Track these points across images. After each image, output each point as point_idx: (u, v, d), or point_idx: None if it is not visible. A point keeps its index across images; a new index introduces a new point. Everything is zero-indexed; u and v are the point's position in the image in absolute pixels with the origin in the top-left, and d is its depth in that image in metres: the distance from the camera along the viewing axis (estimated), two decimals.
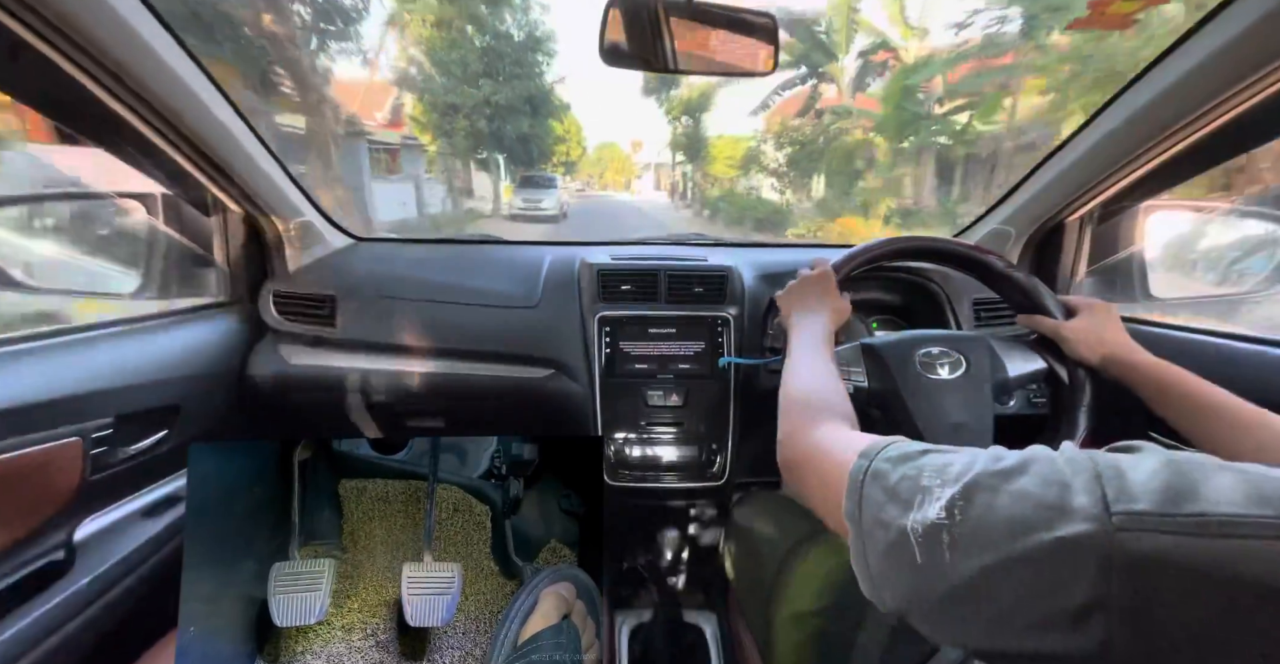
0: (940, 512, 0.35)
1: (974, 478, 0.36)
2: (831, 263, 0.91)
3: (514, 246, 1.52)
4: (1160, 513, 0.28)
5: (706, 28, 0.98)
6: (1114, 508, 0.29)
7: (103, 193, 1.16)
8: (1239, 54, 0.75)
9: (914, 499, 0.38)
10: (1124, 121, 0.93)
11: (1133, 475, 0.31)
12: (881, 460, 0.43)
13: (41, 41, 0.70)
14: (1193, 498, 0.28)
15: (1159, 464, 0.31)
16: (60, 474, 0.79)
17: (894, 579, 0.38)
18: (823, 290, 0.87)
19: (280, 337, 1.23)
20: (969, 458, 0.39)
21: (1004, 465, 0.36)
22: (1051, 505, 0.31)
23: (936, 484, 0.37)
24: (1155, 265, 1.23)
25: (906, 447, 0.44)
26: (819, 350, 0.76)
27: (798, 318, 0.84)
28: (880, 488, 0.41)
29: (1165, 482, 0.30)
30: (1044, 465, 0.34)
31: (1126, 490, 0.30)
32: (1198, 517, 0.27)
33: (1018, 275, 0.92)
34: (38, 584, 0.78)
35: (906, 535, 0.36)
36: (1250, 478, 0.29)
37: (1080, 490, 0.31)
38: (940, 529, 0.35)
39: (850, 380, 0.87)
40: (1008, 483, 0.34)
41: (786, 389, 0.69)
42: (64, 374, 0.81)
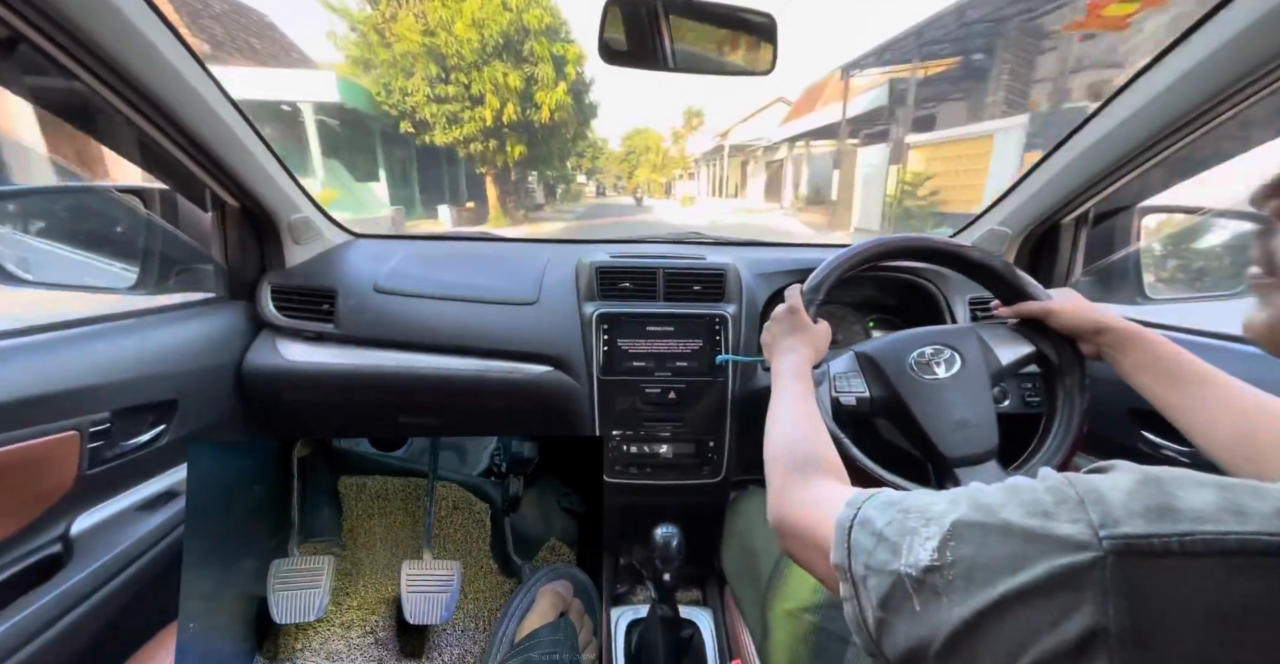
0: (931, 554, 0.35)
1: (960, 516, 0.35)
2: (801, 291, 0.92)
3: (513, 244, 1.52)
4: (1148, 534, 0.28)
5: (705, 26, 0.98)
6: (1103, 533, 0.29)
7: (100, 187, 1.16)
8: (1234, 56, 0.75)
9: (902, 542, 0.37)
10: (1120, 123, 0.93)
11: (1113, 497, 0.31)
12: (868, 507, 0.43)
13: (38, 35, 0.69)
14: (1174, 515, 0.28)
15: (1135, 483, 0.31)
16: (57, 468, 0.79)
17: (894, 629, 0.37)
18: (794, 325, 0.88)
19: (278, 332, 1.22)
20: (951, 496, 0.38)
21: (987, 501, 0.36)
22: (1040, 537, 0.31)
23: (922, 524, 0.37)
24: (1150, 266, 1.24)
25: (890, 494, 0.43)
26: (797, 391, 0.76)
27: (777, 359, 0.85)
28: (868, 533, 0.41)
29: (1146, 501, 0.29)
30: (1026, 496, 0.34)
31: (1110, 514, 0.30)
32: (1184, 536, 0.27)
33: (994, 262, 0.93)
34: (35, 578, 0.78)
35: (902, 581, 0.36)
36: (1229, 493, 0.29)
37: (1066, 520, 0.31)
38: (933, 572, 0.34)
39: (851, 391, 0.88)
40: (993, 517, 0.34)
41: (770, 440, 0.69)
42: (61, 368, 0.81)
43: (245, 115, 1.00)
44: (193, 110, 0.90)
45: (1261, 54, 0.73)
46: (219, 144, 0.97)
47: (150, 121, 0.88)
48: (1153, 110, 0.88)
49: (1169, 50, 0.82)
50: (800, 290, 0.92)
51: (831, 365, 0.90)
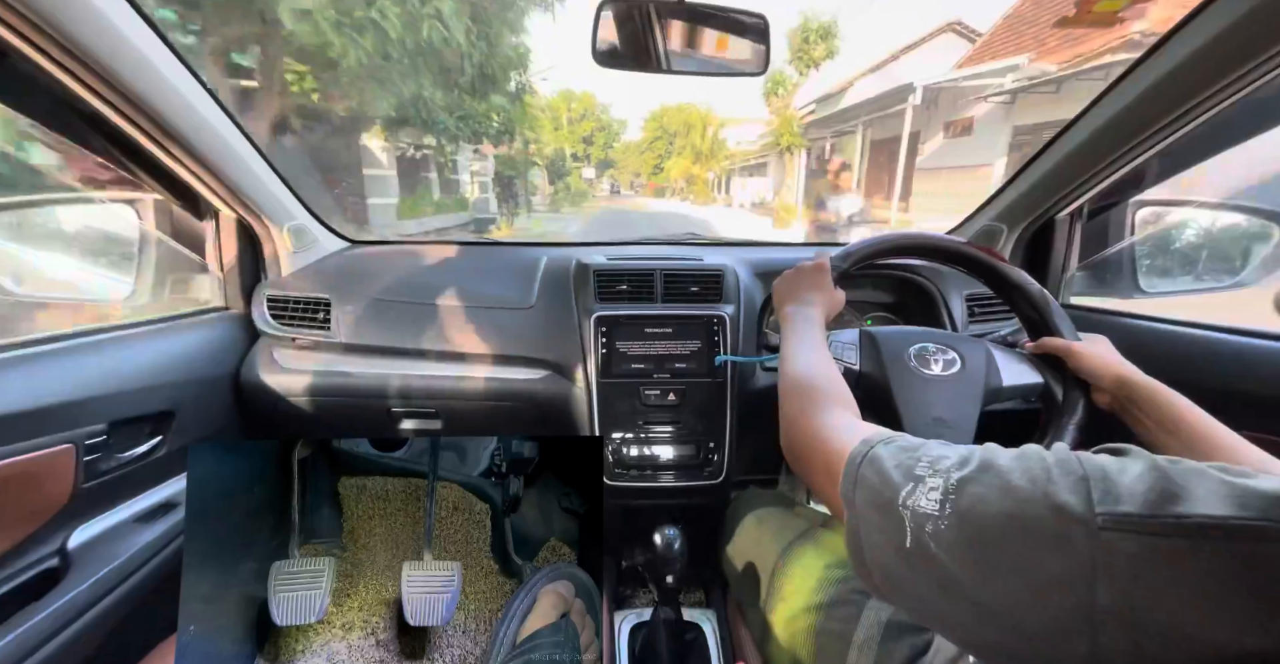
0: (933, 503, 0.36)
1: (966, 473, 0.37)
2: (831, 256, 0.91)
3: (509, 248, 1.52)
4: (1143, 515, 0.28)
5: (698, 28, 0.99)
6: (1098, 509, 0.29)
7: (94, 197, 1.16)
8: (1226, 49, 0.76)
9: (907, 485, 0.39)
10: (1114, 117, 0.94)
11: (1119, 479, 0.31)
12: (881, 447, 0.44)
13: (28, 45, 0.70)
14: (1177, 501, 0.29)
15: (1146, 468, 0.32)
16: (53, 481, 0.79)
17: (883, 560, 0.39)
18: (817, 280, 0.87)
19: (275, 341, 1.22)
20: (965, 452, 0.40)
21: (997, 462, 0.37)
22: (1039, 504, 0.32)
23: (929, 474, 0.38)
24: (1144, 260, 1.24)
25: (907, 440, 0.45)
26: (813, 338, 0.76)
27: (792, 308, 0.84)
28: (876, 471, 0.42)
29: (1152, 485, 0.30)
30: (1035, 463, 0.35)
31: (1112, 492, 0.30)
32: (1177, 518, 0.28)
33: (1032, 287, 0.88)
34: (33, 592, 0.78)
35: (900, 518, 0.38)
36: (1236, 483, 0.29)
37: (1068, 490, 0.31)
38: (929, 520, 0.36)
39: (842, 360, 0.88)
40: (999, 479, 0.35)
41: (785, 373, 0.69)
42: (57, 381, 0.80)
43: (239, 123, 1.00)
44: (186, 119, 0.90)
45: (1253, 47, 0.73)
46: (213, 153, 0.97)
47: (142, 131, 0.88)
48: (1146, 104, 0.88)
49: (1162, 44, 0.82)
50: (830, 256, 0.90)
51: (834, 335, 0.91)
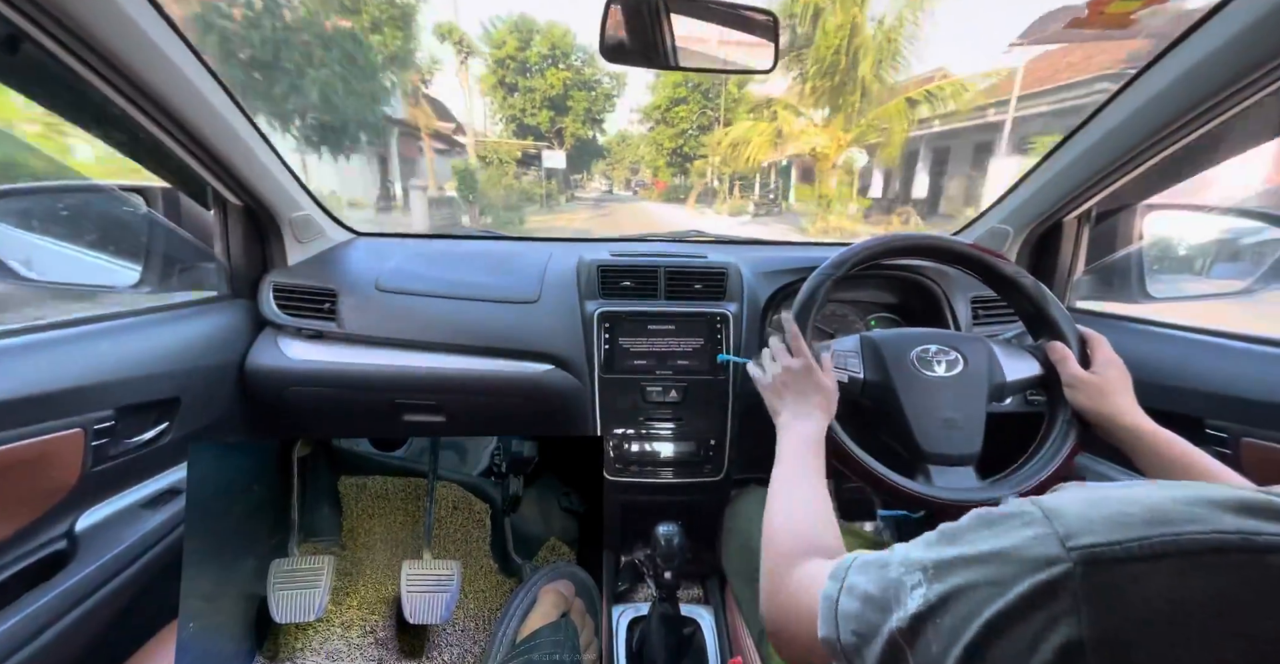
0: (920, 601, 0.35)
1: (938, 556, 0.36)
2: (830, 260, 0.91)
3: (515, 242, 1.52)
4: (1110, 541, 0.29)
5: (707, 24, 0.98)
6: (1069, 543, 0.29)
7: (102, 185, 1.16)
8: (1235, 55, 0.75)
9: (890, 597, 0.37)
10: (1122, 121, 0.93)
11: (1069, 510, 0.31)
12: (852, 574, 0.42)
13: (41, 32, 0.70)
14: (1129, 522, 0.29)
15: (1085, 499, 0.32)
16: (61, 466, 0.80)
17: None
18: (809, 381, 0.83)
19: (280, 331, 1.23)
20: (926, 539, 0.39)
21: (961, 534, 0.36)
22: (1014, 559, 0.32)
23: (906, 573, 0.37)
24: (1152, 265, 1.23)
25: (868, 555, 0.43)
26: (811, 467, 0.73)
27: (789, 423, 0.81)
28: (854, 598, 0.41)
29: (1101, 511, 0.30)
30: (995, 521, 0.35)
31: (1070, 527, 0.30)
32: (1142, 539, 0.28)
33: (1026, 280, 0.90)
34: (41, 574, 0.79)
35: (895, 640, 0.36)
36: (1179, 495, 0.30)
37: (1036, 540, 0.31)
38: (923, 619, 0.34)
39: (847, 370, 0.88)
40: (968, 548, 0.35)
41: (771, 513, 0.67)
42: (65, 366, 0.81)
43: (246, 112, 1.00)
44: (194, 108, 0.90)
45: (1263, 53, 0.73)
46: (220, 142, 0.97)
47: (152, 119, 0.88)
48: (1155, 107, 0.87)
49: (1171, 48, 0.82)
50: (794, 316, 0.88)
51: (835, 344, 0.91)
